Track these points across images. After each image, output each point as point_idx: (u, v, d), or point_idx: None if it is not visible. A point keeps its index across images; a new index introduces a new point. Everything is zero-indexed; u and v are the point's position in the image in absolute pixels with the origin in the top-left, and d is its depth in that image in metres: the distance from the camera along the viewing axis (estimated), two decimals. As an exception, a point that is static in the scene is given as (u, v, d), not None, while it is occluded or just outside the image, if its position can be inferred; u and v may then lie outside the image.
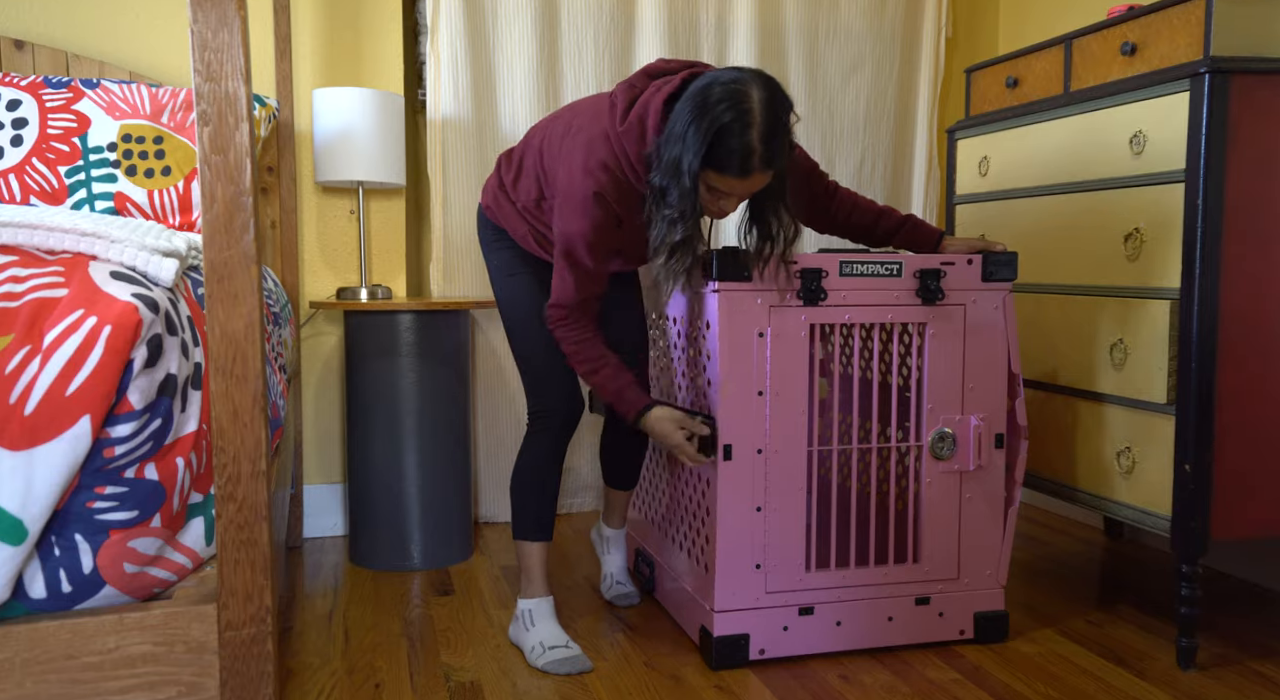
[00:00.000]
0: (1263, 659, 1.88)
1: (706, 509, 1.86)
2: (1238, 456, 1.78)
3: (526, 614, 1.90)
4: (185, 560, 1.24)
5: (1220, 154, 1.72)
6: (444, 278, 2.72)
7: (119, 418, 1.13)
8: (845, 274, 1.83)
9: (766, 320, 1.80)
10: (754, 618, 1.83)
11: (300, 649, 1.91)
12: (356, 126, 2.39)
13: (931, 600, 1.92)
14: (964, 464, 1.91)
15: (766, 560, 1.83)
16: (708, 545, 1.86)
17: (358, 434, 2.41)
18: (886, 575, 1.90)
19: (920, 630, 1.92)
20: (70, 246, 1.28)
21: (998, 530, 1.95)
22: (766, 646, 1.84)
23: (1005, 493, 1.95)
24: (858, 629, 1.89)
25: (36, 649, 1.11)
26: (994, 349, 1.91)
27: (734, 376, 1.79)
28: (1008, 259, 1.89)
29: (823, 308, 1.83)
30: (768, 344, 1.80)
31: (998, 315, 1.91)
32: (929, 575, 1.92)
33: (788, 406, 1.82)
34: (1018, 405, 1.93)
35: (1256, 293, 1.76)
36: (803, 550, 1.85)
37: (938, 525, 1.91)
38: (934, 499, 1.91)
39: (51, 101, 2.10)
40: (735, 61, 2.91)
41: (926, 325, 1.88)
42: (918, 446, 1.91)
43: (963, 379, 1.90)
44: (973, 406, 1.91)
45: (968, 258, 1.89)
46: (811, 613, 1.86)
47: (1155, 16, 1.87)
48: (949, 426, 1.90)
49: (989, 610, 1.95)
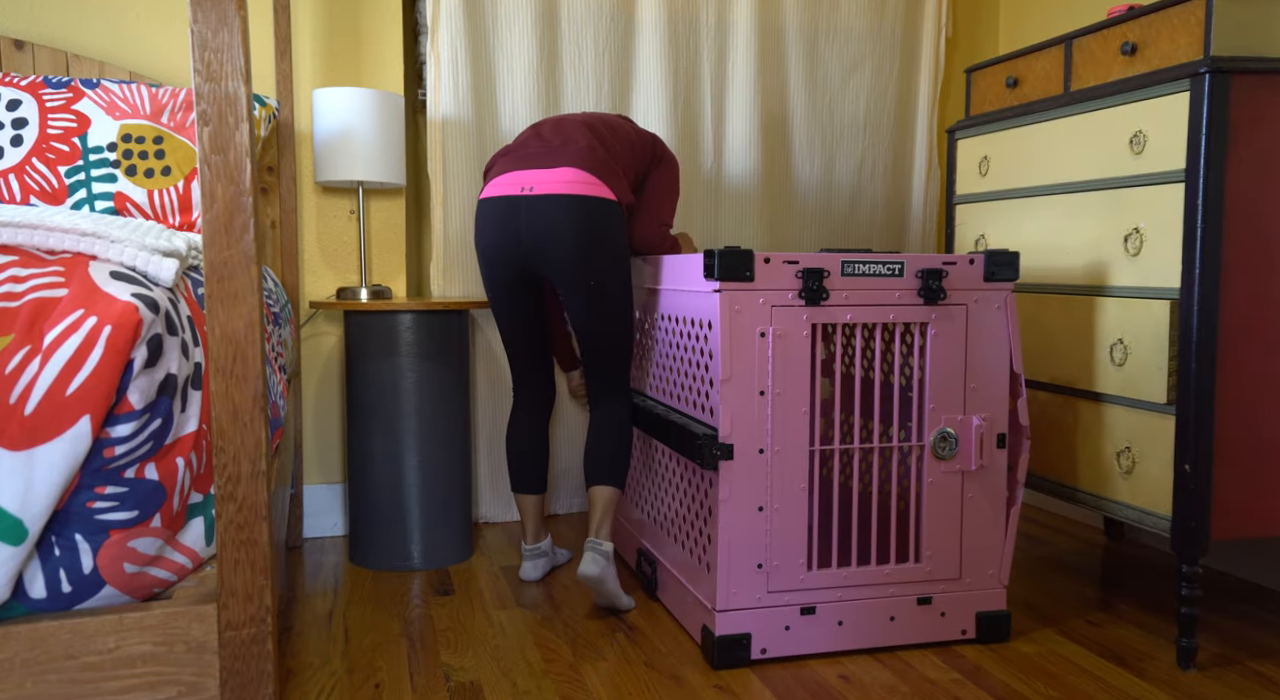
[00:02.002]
0: (1263, 659, 1.88)
1: (709, 508, 1.86)
2: (1238, 456, 1.78)
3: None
4: (185, 560, 1.24)
5: (1220, 154, 1.72)
6: (444, 278, 2.72)
7: (119, 418, 1.13)
8: (847, 273, 1.83)
9: (768, 320, 1.80)
10: (756, 617, 1.83)
11: (300, 649, 1.91)
12: (356, 126, 2.39)
13: (933, 600, 1.92)
14: (966, 464, 1.91)
15: (768, 560, 1.83)
16: (710, 544, 1.86)
17: (358, 434, 2.41)
18: (888, 575, 1.90)
19: (922, 630, 1.92)
20: (70, 246, 1.28)
21: (1000, 530, 1.95)
22: (768, 646, 1.84)
23: (1007, 492, 1.95)
24: (860, 629, 1.89)
25: (36, 649, 1.11)
26: (996, 349, 1.92)
27: (736, 376, 1.79)
28: (1009, 258, 1.89)
29: (824, 307, 1.83)
30: (769, 344, 1.80)
31: (1000, 315, 1.91)
32: (931, 575, 1.92)
33: (790, 406, 1.82)
34: (1020, 405, 1.93)
35: (1256, 293, 1.76)
36: (804, 550, 1.85)
37: (940, 525, 1.92)
38: (936, 499, 1.91)
39: (51, 101, 2.10)
40: (735, 61, 2.91)
41: (928, 325, 1.88)
42: (919, 446, 1.91)
43: (964, 379, 1.91)
44: (975, 406, 1.91)
45: (969, 258, 1.89)
46: (813, 612, 1.86)
47: (1155, 16, 1.87)
48: (951, 426, 1.90)
49: (991, 610, 1.95)
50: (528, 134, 2.20)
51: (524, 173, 2.08)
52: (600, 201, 2.04)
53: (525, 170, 2.08)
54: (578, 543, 2.60)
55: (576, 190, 2.02)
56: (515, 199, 2.07)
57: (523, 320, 2.23)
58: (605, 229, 2.05)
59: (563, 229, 2.03)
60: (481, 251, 2.15)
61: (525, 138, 2.18)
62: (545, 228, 2.04)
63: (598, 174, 2.05)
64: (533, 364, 2.29)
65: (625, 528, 2.45)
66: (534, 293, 2.20)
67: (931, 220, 3.15)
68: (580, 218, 2.02)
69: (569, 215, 2.02)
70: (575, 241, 2.03)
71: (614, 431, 2.15)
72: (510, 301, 2.19)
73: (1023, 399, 1.93)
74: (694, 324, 1.94)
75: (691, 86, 2.90)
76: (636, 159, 2.21)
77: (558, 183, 2.03)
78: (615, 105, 2.83)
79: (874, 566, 1.89)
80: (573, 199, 2.02)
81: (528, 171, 2.07)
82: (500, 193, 2.09)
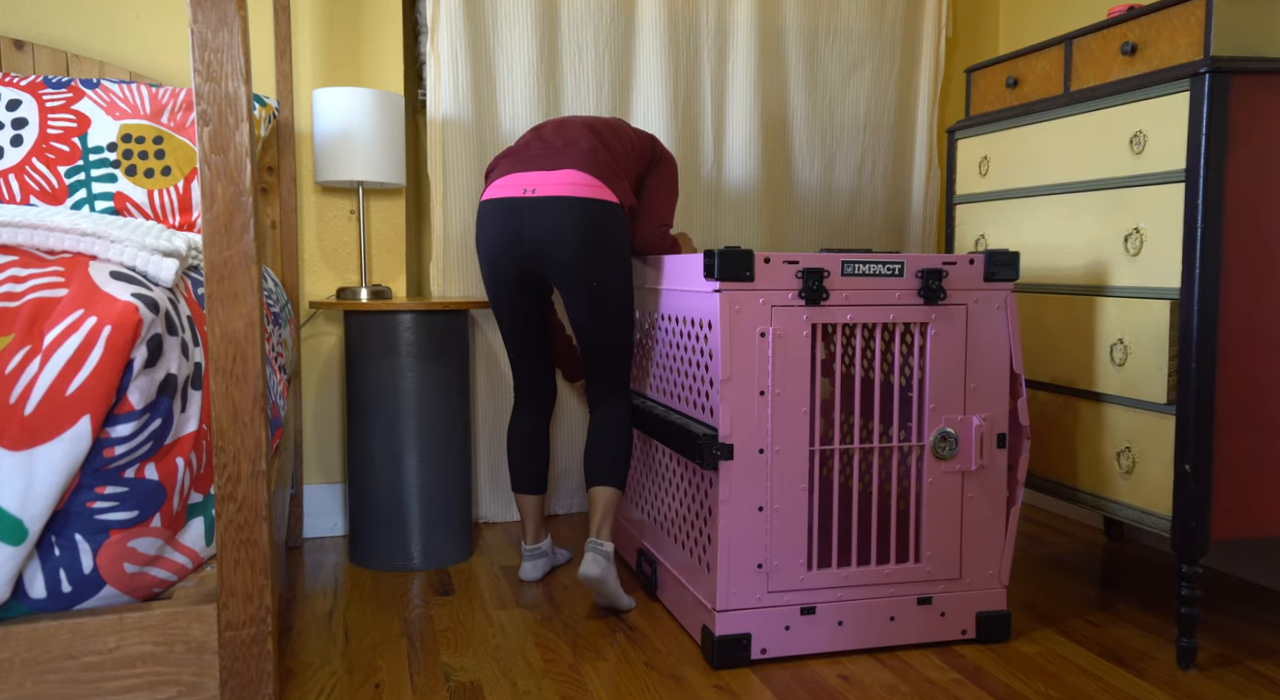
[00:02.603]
0: (1263, 659, 1.88)
1: (709, 508, 1.86)
2: (1238, 456, 1.78)
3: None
4: (185, 560, 1.24)
5: (1220, 154, 1.72)
6: (444, 278, 2.72)
7: (119, 417, 1.13)
8: (847, 273, 1.83)
9: (768, 320, 1.80)
10: (756, 617, 1.83)
11: (300, 649, 1.91)
12: (356, 126, 2.39)
13: (933, 600, 1.92)
14: (966, 464, 1.91)
15: (768, 560, 1.83)
16: (710, 545, 1.86)
17: (358, 434, 2.41)
18: (888, 575, 1.90)
19: (922, 630, 1.92)
20: (70, 246, 1.28)
21: (1000, 530, 1.95)
22: (768, 646, 1.84)
23: (1007, 492, 1.95)
24: (860, 629, 1.89)
25: (36, 649, 1.11)
26: (996, 349, 1.92)
27: (736, 376, 1.80)
28: (1009, 259, 1.89)
29: (824, 307, 1.83)
30: (769, 344, 1.80)
31: (1000, 315, 1.91)
32: (931, 575, 1.92)
33: (790, 406, 1.82)
34: (1020, 405, 1.93)
35: (1256, 292, 1.76)
36: (804, 550, 1.85)
37: (939, 525, 1.92)
38: (936, 499, 1.91)
39: (51, 101, 2.10)
40: (735, 62, 2.91)
41: (928, 325, 1.88)
42: (919, 446, 1.91)
43: (964, 379, 1.91)
44: (975, 406, 1.91)
45: (969, 258, 1.89)
46: (813, 612, 1.86)
47: (1155, 16, 1.87)
48: (951, 426, 1.90)
49: (991, 610, 1.95)
50: (529, 136, 2.20)
51: (526, 174, 2.08)
52: (602, 204, 2.04)
53: (527, 172, 2.08)
54: (578, 543, 2.60)
55: (578, 192, 2.03)
56: (518, 200, 2.07)
57: (524, 321, 2.23)
58: (607, 231, 2.05)
59: (565, 231, 2.03)
60: (483, 253, 2.15)
61: (527, 140, 2.18)
62: (547, 229, 2.04)
63: (600, 176, 2.06)
64: (534, 364, 2.30)
65: (625, 528, 2.45)
66: (535, 294, 2.20)
67: (931, 220, 3.15)
68: (582, 220, 2.03)
69: (571, 217, 2.02)
70: (577, 243, 2.03)
71: (614, 432, 2.16)
72: (511, 302, 2.20)
73: (1023, 399, 1.93)
74: (694, 324, 1.94)
75: (691, 87, 2.90)
76: (637, 160, 2.21)
77: (560, 184, 2.03)
78: (615, 105, 2.83)
79: (874, 566, 1.89)
80: (574, 201, 2.02)
81: (530, 173, 2.08)
82: (502, 194, 2.09)
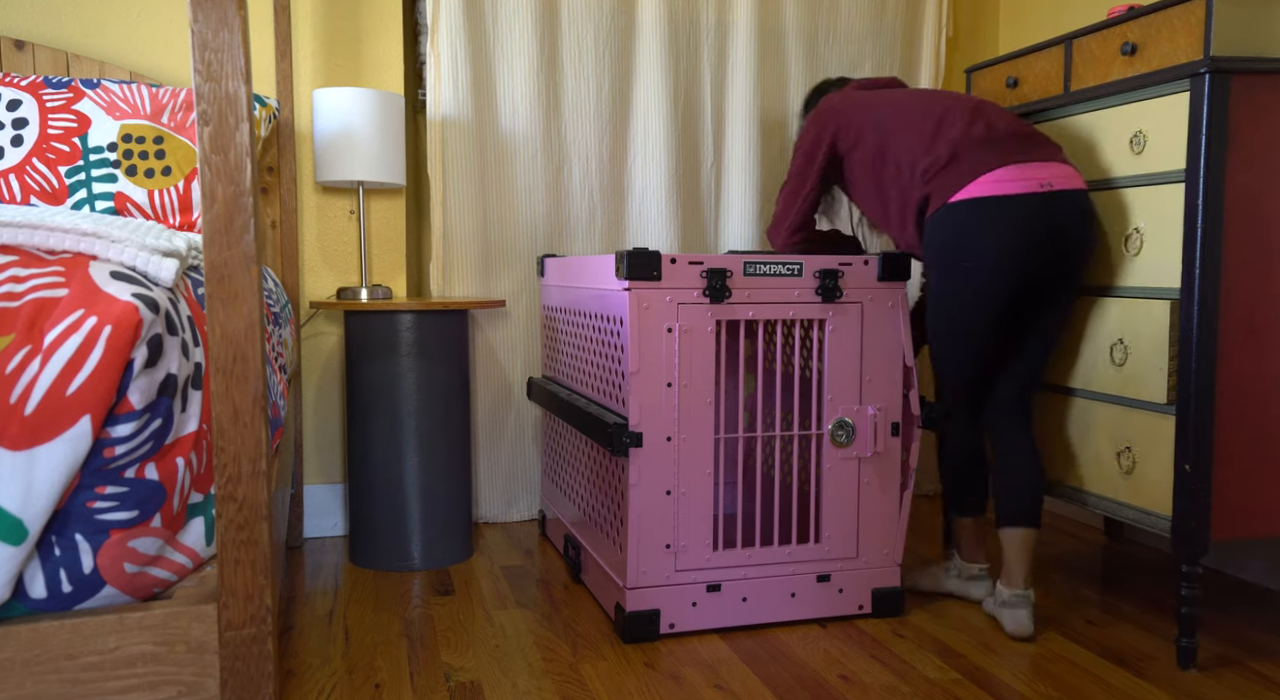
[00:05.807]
0: (1263, 659, 1.88)
1: (621, 492, 1.96)
2: (1238, 456, 1.78)
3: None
4: (185, 560, 1.24)
5: (1220, 154, 1.72)
6: (444, 278, 2.72)
7: (119, 418, 1.13)
8: (749, 274, 1.96)
9: (675, 317, 1.91)
10: (664, 594, 1.95)
11: (300, 649, 1.91)
12: (356, 126, 2.40)
13: (832, 577, 2.05)
14: (862, 451, 2.04)
15: (676, 540, 1.95)
16: (622, 527, 1.96)
17: (358, 434, 2.41)
18: (790, 554, 2.02)
19: (821, 605, 2.06)
20: (70, 246, 1.28)
21: (894, 512, 2.07)
22: (676, 621, 1.96)
23: (900, 478, 2.09)
24: (762, 604, 2.02)
25: (36, 649, 1.11)
26: (889, 344, 2.05)
27: (644, 369, 1.90)
28: (901, 260, 2.02)
29: (728, 305, 1.94)
30: (676, 339, 1.92)
31: (893, 312, 2.03)
32: (829, 554, 2.04)
33: (695, 397, 1.94)
34: (911, 396, 2.05)
35: (1256, 292, 1.76)
36: (710, 531, 1.97)
37: (838, 508, 2.04)
38: (834, 484, 2.03)
39: (51, 101, 2.10)
40: (735, 62, 2.91)
41: (826, 321, 2.00)
42: (819, 434, 2.03)
43: (860, 372, 2.03)
44: (870, 397, 2.04)
45: (864, 259, 2.00)
46: (719, 589, 1.98)
47: (1155, 16, 1.87)
48: (848, 416, 2.02)
49: (885, 587, 2.08)
50: (956, 123, 1.94)
51: (1031, 166, 1.86)
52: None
53: (1030, 164, 1.86)
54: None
55: (1084, 184, 1.91)
56: (1048, 196, 1.84)
57: (1003, 336, 1.97)
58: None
59: (1087, 227, 1.89)
60: (992, 258, 1.86)
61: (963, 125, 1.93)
62: (1077, 227, 1.87)
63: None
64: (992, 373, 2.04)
65: (557, 516, 2.55)
66: (1024, 303, 1.97)
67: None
68: (1095, 213, 1.92)
69: (1091, 212, 1.90)
70: (1094, 240, 1.93)
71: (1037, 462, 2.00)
72: (1003, 312, 1.92)
73: (914, 390, 2.04)
74: (607, 320, 2.03)
75: (691, 87, 2.90)
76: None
77: (1070, 176, 1.88)
78: (615, 105, 2.83)
79: (776, 547, 2.01)
80: (1088, 195, 1.90)
81: (1034, 165, 1.86)
82: (1017, 190, 1.84)
